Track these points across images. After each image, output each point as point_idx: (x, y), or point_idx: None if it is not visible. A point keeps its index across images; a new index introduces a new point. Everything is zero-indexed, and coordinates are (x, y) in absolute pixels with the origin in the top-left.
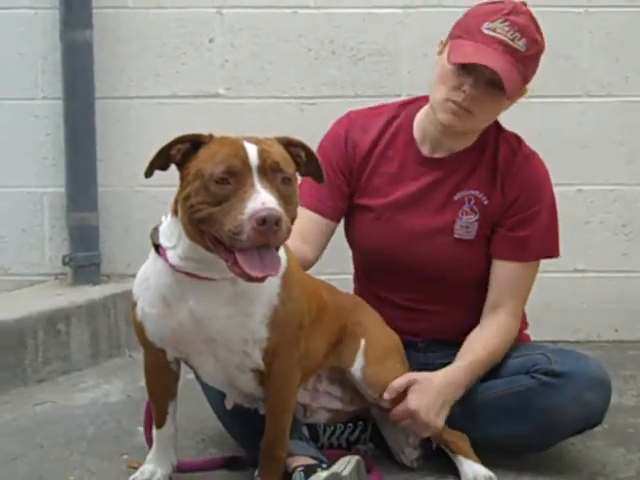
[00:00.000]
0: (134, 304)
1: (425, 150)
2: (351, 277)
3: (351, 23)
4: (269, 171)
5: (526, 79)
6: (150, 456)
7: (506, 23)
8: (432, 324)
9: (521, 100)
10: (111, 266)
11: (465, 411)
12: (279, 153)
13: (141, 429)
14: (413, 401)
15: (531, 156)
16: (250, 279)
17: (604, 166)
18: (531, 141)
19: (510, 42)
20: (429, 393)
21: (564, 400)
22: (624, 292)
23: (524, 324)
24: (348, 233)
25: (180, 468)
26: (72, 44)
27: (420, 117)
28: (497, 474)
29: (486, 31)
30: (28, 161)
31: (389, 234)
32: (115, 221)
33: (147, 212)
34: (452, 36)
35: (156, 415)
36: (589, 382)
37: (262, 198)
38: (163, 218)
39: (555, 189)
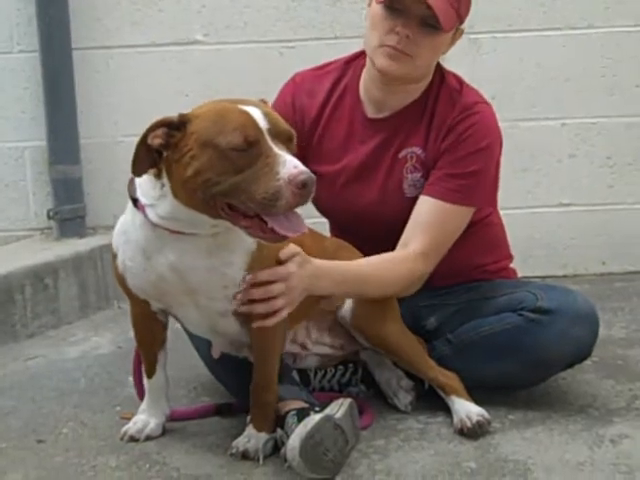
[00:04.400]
0: (114, 256)
1: (370, 111)
2: None
3: None
4: (279, 133)
5: (460, 16)
6: (143, 406)
7: None
8: None
9: (501, 35)
10: (97, 218)
11: (454, 350)
12: (277, 114)
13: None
14: (293, 267)
15: (473, 106)
16: (282, 239)
17: (587, 99)
18: (513, 76)
19: None
20: (307, 269)
21: (552, 336)
22: (610, 225)
23: (508, 258)
24: None
25: (173, 417)
26: None
27: (363, 77)
28: (488, 411)
29: None
30: (7, 116)
31: (344, 201)
32: (99, 172)
33: (130, 162)
34: None
35: (146, 365)
36: (576, 317)
37: (291, 161)
38: None
39: (540, 123)
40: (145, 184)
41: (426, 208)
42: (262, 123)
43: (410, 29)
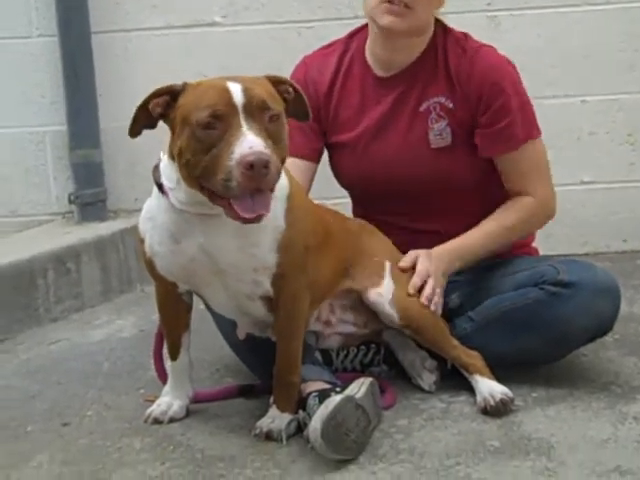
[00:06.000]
0: (141, 240)
1: (380, 72)
2: None
3: None
4: (255, 110)
5: None
6: (166, 389)
7: None
8: (437, 244)
9: (519, 12)
10: (118, 202)
11: (476, 327)
12: (265, 90)
13: None
14: (425, 262)
15: (480, 49)
16: (245, 221)
17: (607, 75)
18: (532, 54)
19: None
20: (432, 258)
21: (574, 309)
22: (632, 202)
23: (531, 236)
24: (333, 172)
25: (196, 399)
26: None
27: (368, 43)
28: (511, 389)
29: None
30: (27, 101)
31: (368, 164)
32: (119, 156)
33: (151, 145)
34: None
35: (170, 348)
36: (598, 290)
37: (249, 141)
38: (162, 154)
39: (559, 101)
40: (167, 168)
41: (510, 165)
42: (238, 99)
43: None
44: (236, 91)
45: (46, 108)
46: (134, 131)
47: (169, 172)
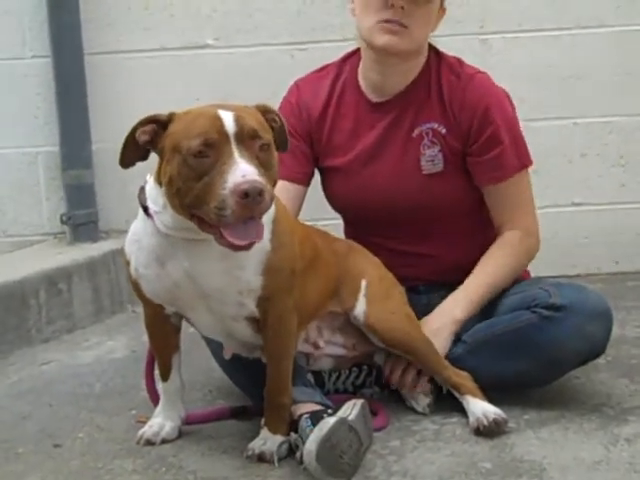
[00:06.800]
0: (127, 262)
1: (373, 97)
2: None
3: None
4: (247, 138)
5: None
6: (158, 410)
7: None
8: (429, 266)
9: (511, 35)
10: (109, 222)
11: (468, 350)
12: (255, 119)
13: None
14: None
15: (474, 76)
16: (236, 249)
17: (599, 98)
18: (525, 76)
19: None
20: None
21: (566, 333)
22: (623, 224)
23: None
24: (326, 195)
25: (189, 420)
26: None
27: (361, 68)
28: (502, 411)
29: None
30: (20, 121)
31: (361, 189)
32: (111, 177)
33: (142, 166)
34: None
35: (161, 369)
36: (590, 313)
37: (242, 170)
38: (148, 177)
39: (551, 123)
40: (153, 191)
41: (496, 195)
42: (229, 127)
43: (403, 0)
44: (228, 119)
45: (39, 129)
46: (124, 161)
47: (155, 195)
